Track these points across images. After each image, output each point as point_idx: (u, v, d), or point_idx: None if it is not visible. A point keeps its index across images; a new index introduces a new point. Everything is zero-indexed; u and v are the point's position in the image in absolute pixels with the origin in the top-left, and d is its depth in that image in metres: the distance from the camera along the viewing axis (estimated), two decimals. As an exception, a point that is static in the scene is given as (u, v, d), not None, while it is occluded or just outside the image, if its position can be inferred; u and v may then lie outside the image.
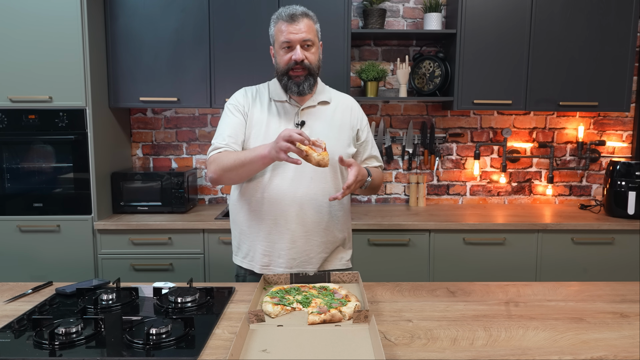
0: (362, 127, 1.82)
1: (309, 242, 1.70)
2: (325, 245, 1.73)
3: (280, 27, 1.63)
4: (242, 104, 1.75)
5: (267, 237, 1.70)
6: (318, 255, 1.72)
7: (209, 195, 3.28)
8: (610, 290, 1.58)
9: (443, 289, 1.59)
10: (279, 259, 1.70)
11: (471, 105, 2.87)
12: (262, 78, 1.88)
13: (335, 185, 1.72)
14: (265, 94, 1.77)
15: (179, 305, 1.42)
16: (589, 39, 2.82)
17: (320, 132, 1.68)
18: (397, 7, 3.15)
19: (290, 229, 1.68)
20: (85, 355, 1.13)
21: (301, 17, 1.62)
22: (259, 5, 2.76)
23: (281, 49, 1.65)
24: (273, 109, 1.73)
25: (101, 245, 2.68)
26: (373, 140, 1.88)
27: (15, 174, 2.67)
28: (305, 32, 1.62)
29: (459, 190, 3.30)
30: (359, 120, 1.81)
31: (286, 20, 1.62)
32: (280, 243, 1.69)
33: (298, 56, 1.62)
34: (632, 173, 2.83)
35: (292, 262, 1.70)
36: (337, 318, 1.30)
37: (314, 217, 1.69)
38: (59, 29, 2.54)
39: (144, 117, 3.21)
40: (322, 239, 1.71)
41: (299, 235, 1.69)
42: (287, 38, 1.62)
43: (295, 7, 1.66)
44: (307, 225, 1.69)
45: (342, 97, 1.84)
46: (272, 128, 1.69)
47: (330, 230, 1.73)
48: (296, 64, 1.63)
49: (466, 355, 1.14)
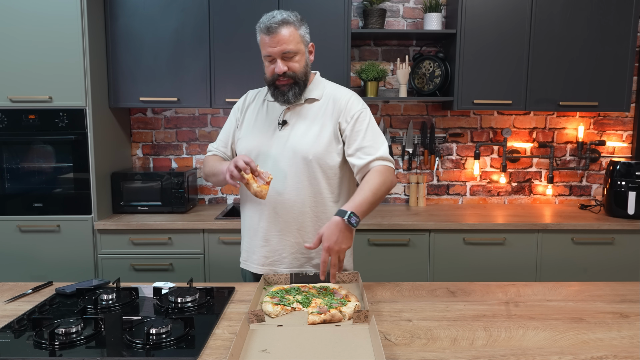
0: (348, 117, 1.66)
1: (282, 242, 1.70)
2: (299, 245, 1.70)
3: (262, 38, 1.62)
4: (239, 108, 1.83)
5: (247, 233, 1.78)
6: (291, 255, 1.71)
7: (209, 195, 3.28)
8: (610, 290, 1.58)
9: (443, 289, 1.59)
10: (254, 255, 1.75)
11: (471, 105, 2.87)
12: (262, 78, 1.88)
13: (311, 185, 1.67)
14: (263, 95, 1.80)
15: (179, 305, 1.42)
16: (589, 39, 2.82)
17: (299, 133, 1.67)
18: (397, 7, 3.15)
19: (263, 227, 1.71)
20: (85, 355, 1.13)
21: (279, 28, 1.58)
22: (259, 5, 2.75)
23: (265, 61, 1.67)
24: (263, 109, 1.77)
25: (101, 245, 2.69)
26: (372, 132, 1.67)
27: (15, 174, 2.67)
28: (284, 43, 1.59)
29: (459, 190, 3.30)
30: (342, 112, 1.67)
31: (265, 33, 1.60)
32: (255, 240, 1.74)
33: (279, 69, 1.62)
34: (632, 173, 2.83)
35: (264, 260, 1.72)
36: (337, 318, 1.30)
37: (286, 216, 1.68)
38: (59, 28, 2.54)
39: (144, 117, 3.21)
40: (295, 239, 1.70)
41: (273, 233, 1.70)
42: (267, 52, 1.62)
43: (275, 15, 1.61)
44: (279, 224, 1.69)
45: (336, 92, 1.74)
46: (256, 128, 1.74)
47: (306, 232, 1.69)
48: (279, 76, 1.63)
49: (466, 355, 1.14)
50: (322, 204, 1.70)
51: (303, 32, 1.65)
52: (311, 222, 1.70)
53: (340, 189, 1.73)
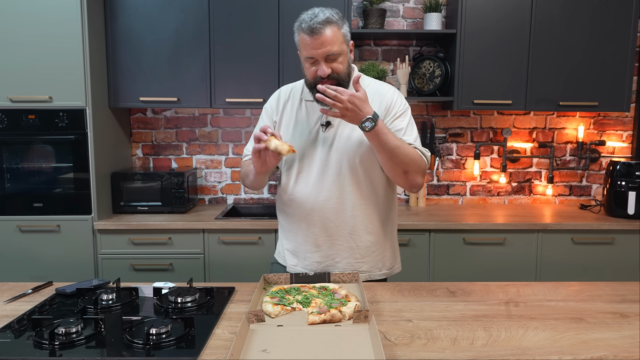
0: (391, 114, 1.62)
1: (334, 247, 1.67)
2: (352, 250, 1.68)
3: (303, 39, 1.52)
4: (273, 109, 1.73)
5: (294, 238, 1.72)
6: (344, 260, 1.68)
7: (209, 195, 3.28)
8: (610, 290, 1.58)
9: (443, 289, 1.59)
10: (305, 260, 1.71)
11: (471, 105, 2.87)
12: (262, 78, 1.88)
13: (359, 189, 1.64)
14: (299, 93, 1.70)
15: (179, 305, 1.42)
16: (589, 39, 2.82)
17: (344, 134, 1.62)
18: (397, 7, 3.15)
19: (313, 232, 1.67)
20: (85, 355, 1.13)
21: (323, 29, 1.48)
22: (259, 5, 2.76)
23: (306, 62, 1.56)
24: (302, 109, 1.68)
25: (101, 245, 2.68)
26: (412, 130, 1.64)
27: (15, 174, 2.67)
28: (329, 45, 1.49)
29: (459, 190, 3.30)
30: (388, 108, 1.63)
31: (307, 34, 1.49)
32: (305, 245, 1.69)
33: (323, 72, 1.52)
34: (632, 173, 2.83)
35: (317, 265, 1.69)
36: (337, 318, 1.29)
37: (337, 221, 1.65)
38: (59, 28, 2.54)
39: (144, 117, 3.21)
40: (348, 244, 1.67)
41: (323, 239, 1.67)
42: (310, 54, 1.52)
43: (317, 14, 1.50)
44: (331, 229, 1.66)
45: (379, 88, 1.67)
46: (297, 130, 1.67)
47: (359, 236, 1.67)
48: (322, 78, 1.53)
49: (466, 355, 1.14)
50: (371, 206, 1.67)
51: (345, 31, 1.56)
52: (362, 224, 1.66)
53: (386, 189, 1.70)
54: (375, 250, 1.70)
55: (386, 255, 1.74)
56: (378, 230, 1.69)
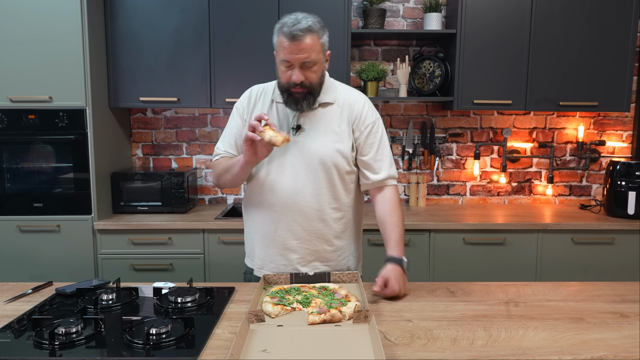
0: (362, 127, 1.66)
1: (300, 250, 1.67)
2: (318, 253, 1.68)
3: (282, 42, 1.52)
4: (243, 107, 1.73)
5: (261, 240, 1.71)
6: (310, 264, 1.68)
7: (209, 195, 3.28)
8: (610, 290, 1.58)
9: (443, 289, 1.59)
10: (271, 263, 1.70)
11: (471, 105, 2.87)
12: (262, 78, 1.87)
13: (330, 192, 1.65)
14: (270, 94, 1.71)
15: (179, 305, 1.42)
16: (588, 39, 2.82)
17: (316, 138, 1.63)
18: (397, 7, 3.15)
19: (281, 235, 1.66)
20: (85, 355, 1.13)
21: (304, 36, 1.49)
22: (259, 5, 2.76)
23: (281, 65, 1.57)
24: (273, 110, 1.69)
25: (101, 245, 2.68)
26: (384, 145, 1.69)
27: (15, 174, 2.67)
28: (306, 52, 1.51)
29: (459, 190, 3.30)
30: (357, 119, 1.66)
31: (287, 38, 1.50)
32: (272, 248, 1.69)
33: (297, 78, 1.54)
34: (632, 173, 2.83)
35: (283, 268, 1.68)
36: (337, 318, 1.30)
37: (305, 224, 1.65)
38: (59, 28, 2.54)
39: (144, 117, 3.21)
40: (314, 247, 1.67)
41: (291, 242, 1.66)
42: (287, 57, 1.53)
43: (300, 20, 1.51)
44: (298, 232, 1.66)
45: (349, 96, 1.70)
46: None
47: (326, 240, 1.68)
48: (295, 85, 1.56)
49: (466, 355, 1.14)
50: (340, 210, 1.68)
51: (324, 41, 1.58)
52: (330, 229, 1.67)
53: (354, 193, 1.72)
54: (341, 255, 1.72)
55: (350, 260, 1.76)
56: (345, 234, 1.72)
